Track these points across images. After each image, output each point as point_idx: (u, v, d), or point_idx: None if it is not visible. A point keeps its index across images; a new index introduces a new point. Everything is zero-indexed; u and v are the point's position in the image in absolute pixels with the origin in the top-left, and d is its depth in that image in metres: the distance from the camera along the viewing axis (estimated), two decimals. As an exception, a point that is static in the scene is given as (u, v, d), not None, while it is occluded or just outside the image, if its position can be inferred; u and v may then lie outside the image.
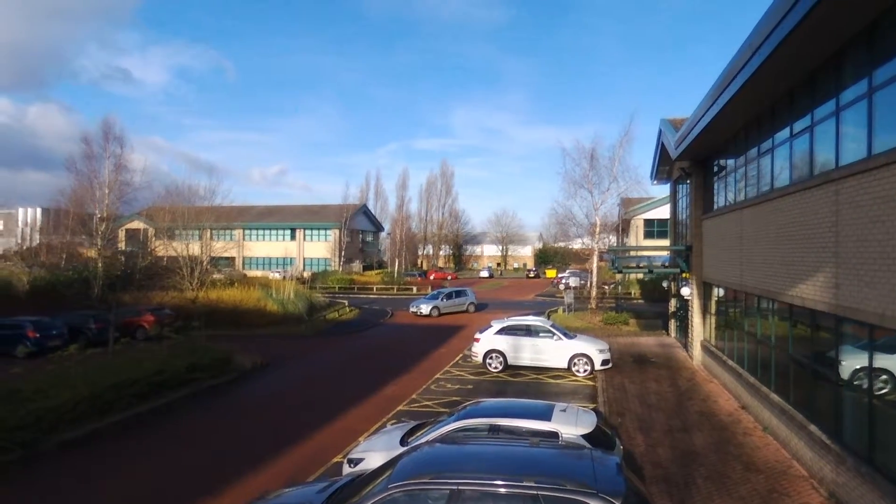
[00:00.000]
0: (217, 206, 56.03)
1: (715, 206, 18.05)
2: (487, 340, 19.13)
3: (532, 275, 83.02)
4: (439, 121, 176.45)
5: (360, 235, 79.65)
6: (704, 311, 19.33)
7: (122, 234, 56.33)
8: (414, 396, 15.99)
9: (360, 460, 9.05)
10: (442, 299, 36.06)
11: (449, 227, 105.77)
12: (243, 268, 72.12)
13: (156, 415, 14.57)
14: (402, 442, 9.22)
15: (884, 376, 7.96)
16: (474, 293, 39.52)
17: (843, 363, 9.07)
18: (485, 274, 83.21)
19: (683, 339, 22.35)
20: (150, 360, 16.39)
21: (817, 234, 9.60)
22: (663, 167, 24.62)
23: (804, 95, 10.46)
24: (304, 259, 72.61)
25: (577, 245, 50.50)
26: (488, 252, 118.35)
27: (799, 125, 10.80)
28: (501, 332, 19.18)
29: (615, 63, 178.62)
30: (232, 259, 69.80)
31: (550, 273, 78.87)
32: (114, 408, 13.96)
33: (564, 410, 9.29)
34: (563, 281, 55.27)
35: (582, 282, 52.16)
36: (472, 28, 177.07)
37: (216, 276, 40.09)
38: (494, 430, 8.62)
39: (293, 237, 73.71)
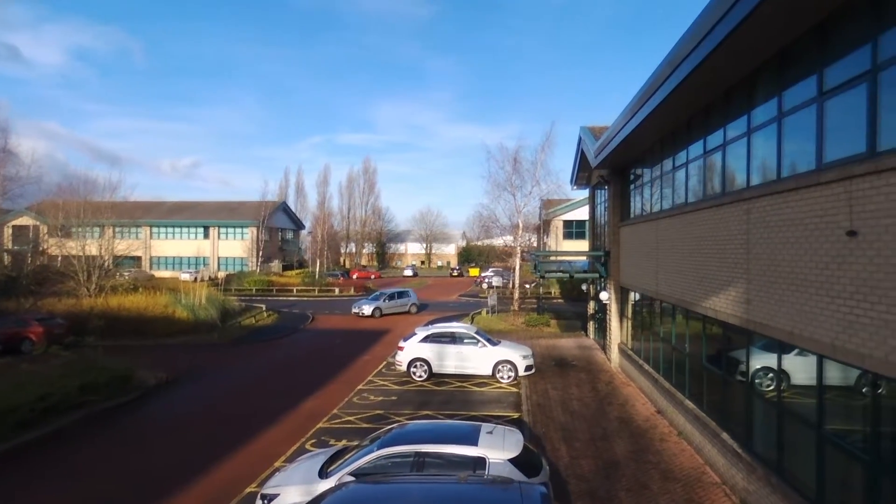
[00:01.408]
0: (121, 202, 51.96)
1: (632, 214, 18.64)
2: (412, 349, 18.74)
3: (455, 273, 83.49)
4: (364, 115, 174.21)
5: (280, 234, 76.85)
6: (622, 315, 19.96)
7: (7, 232, 50.93)
8: (335, 411, 15.30)
9: (274, 496, 8.38)
10: (384, 300, 36.28)
11: (372, 224, 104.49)
12: (151, 268, 67.59)
13: (40, 446, 13.00)
14: (322, 473, 8.64)
15: (780, 375, 8.34)
16: (416, 294, 39.94)
17: (754, 374, 9.45)
18: (409, 273, 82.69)
19: (601, 341, 23.03)
20: (34, 382, 14.66)
21: (730, 249, 9.95)
22: (583, 173, 25.24)
23: (718, 114, 10.82)
24: (218, 259, 69.00)
25: (499, 242, 51.20)
26: (412, 250, 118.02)
27: (713, 142, 11.19)
28: (426, 339, 18.85)
29: (539, 65, 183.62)
30: (138, 259, 65.19)
31: (473, 272, 79.72)
32: (-11, 440, 12.31)
33: (491, 432, 9.07)
34: (486, 280, 55.92)
35: (504, 280, 52.99)
36: (398, 23, 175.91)
37: (119, 278, 37.06)
38: (420, 457, 8.24)
39: (206, 235, 69.82)
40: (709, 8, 8.22)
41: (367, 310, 35.06)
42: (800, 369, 8.05)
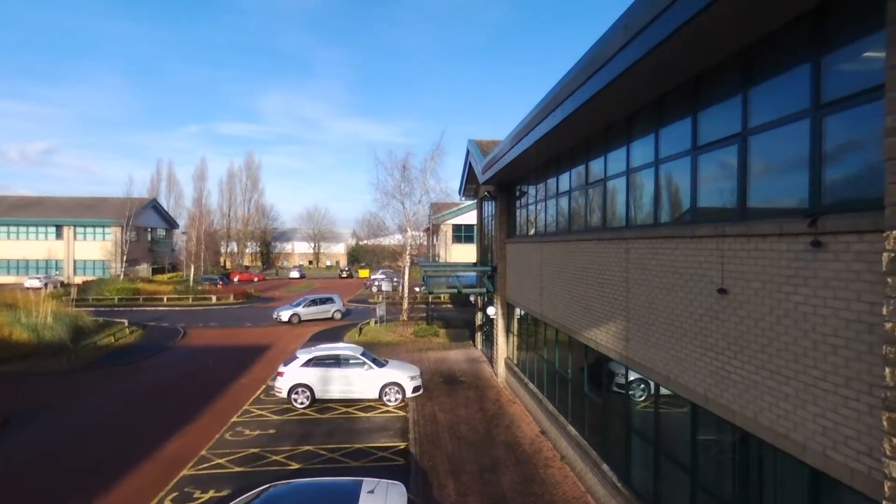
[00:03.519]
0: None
1: (518, 232, 18.83)
2: (292, 374, 17.53)
3: (345, 275, 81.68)
4: (247, 104, 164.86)
5: (150, 233, 70.31)
6: (508, 330, 20.17)
7: None
8: (204, 453, 13.79)
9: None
10: (303, 306, 36.02)
11: (256, 223, 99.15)
12: (-13, 273, 58.85)
13: None
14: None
15: (658, 413, 8.56)
16: (342, 300, 39.09)
17: (634, 410, 9.67)
18: (295, 274, 79.38)
19: (489, 353, 23.23)
20: None
21: (610, 285, 10.11)
22: (471, 185, 25.30)
23: (600, 149, 10.98)
24: (74, 262, 61.68)
25: (390, 242, 50.44)
26: (300, 249, 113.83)
27: (595, 174, 11.34)
28: (308, 363, 17.72)
29: (433, 63, 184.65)
30: (-30, 263, 56.59)
31: (363, 273, 78.39)
32: None
33: (372, 491, 8.42)
34: (376, 283, 55.05)
35: (395, 283, 52.42)
36: (284, 9, 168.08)
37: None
38: (292, 531, 7.41)
39: (60, 236, 62.15)
40: (584, 59, 8.19)
41: (285, 315, 35.05)
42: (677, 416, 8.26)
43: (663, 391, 8.33)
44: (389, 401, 17.57)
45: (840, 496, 5.08)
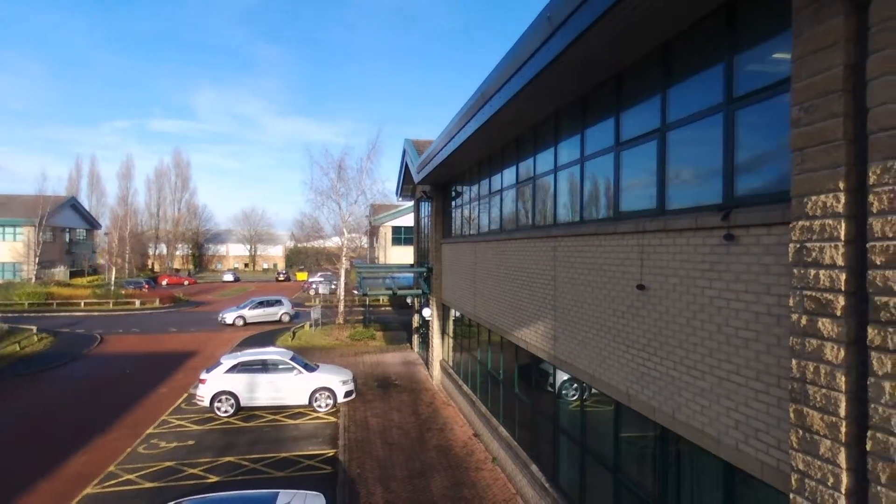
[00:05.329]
0: None
1: (453, 233, 18.66)
2: (215, 381, 16.58)
3: (282, 278, 79.36)
4: (180, 100, 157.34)
5: (67, 234, 65.68)
6: (443, 332, 19.95)
7: None
8: (112, 469, 12.74)
9: None
10: (249, 308, 35.37)
11: (187, 224, 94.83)
12: None
13: None
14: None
15: (584, 414, 8.53)
16: (290, 302, 38.18)
17: (561, 409, 9.61)
18: (229, 278, 76.34)
19: (425, 355, 22.93)
20: None
21: (539, 284, 10.03)
22: (407, 185, 24.97)
23: (528, 148, 10.92)
24: (-21, 264, 56.68)
25: (329, 244, 49.31)
26: (235, 252, 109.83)
27: (524, 173, 11.29)
28: (233, 369, 16.82)
29: (373, 63, 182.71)
30: None
31: (301, 276, 76.39)
32: None
33: (289, 503, 7.92)
34: (314, 286, 53.73)
35: (333, 286, 51.30)
36: (221, 3, 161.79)
37: None
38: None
39: (-38, 236, 56.97)
40: (510, 54, 8.06)
41: (230, 318, 34.33)
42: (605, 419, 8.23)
43: (589, 389, 8.29)
44: (320, 406, 16.94)
45: (755, 491, 5.09)
